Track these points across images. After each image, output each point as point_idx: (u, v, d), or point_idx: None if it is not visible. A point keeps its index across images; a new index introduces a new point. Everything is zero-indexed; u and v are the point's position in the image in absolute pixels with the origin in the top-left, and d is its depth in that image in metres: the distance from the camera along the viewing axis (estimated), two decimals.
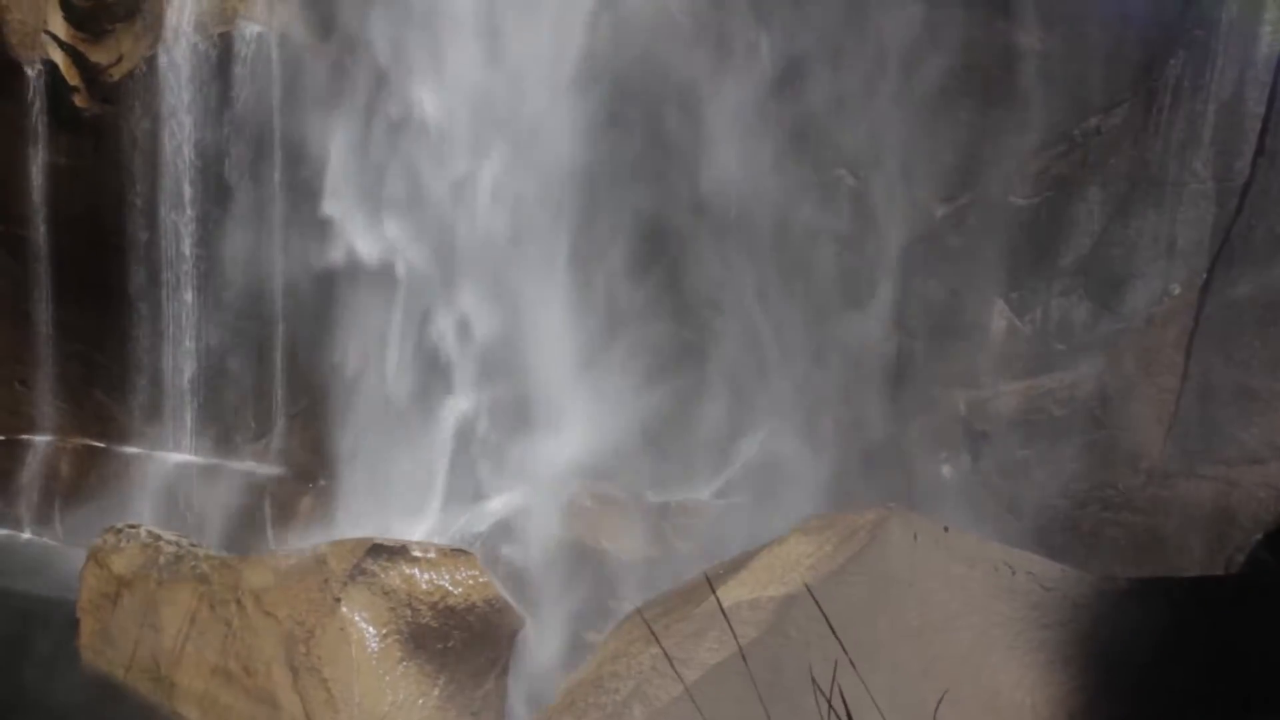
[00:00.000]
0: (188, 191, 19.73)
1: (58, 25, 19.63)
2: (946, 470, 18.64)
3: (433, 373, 19.38)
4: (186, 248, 19.87)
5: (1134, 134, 17.37)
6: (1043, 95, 17.54)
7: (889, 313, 18.68)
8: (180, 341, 20.13)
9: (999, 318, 18.27)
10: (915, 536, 15.49)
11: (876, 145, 18.26)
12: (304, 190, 19.33)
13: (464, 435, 19.49)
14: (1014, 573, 14.99)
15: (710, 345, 18.91)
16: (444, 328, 19.24)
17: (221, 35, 19.34)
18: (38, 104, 19.80)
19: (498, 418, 19.36)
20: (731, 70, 18.28)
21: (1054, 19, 17.24)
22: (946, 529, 15.75)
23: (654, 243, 18.78)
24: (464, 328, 19.32)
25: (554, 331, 18.84)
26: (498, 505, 19.28)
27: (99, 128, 19.80)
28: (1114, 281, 17.73)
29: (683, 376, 18.97)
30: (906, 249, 18.45)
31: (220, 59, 19.44)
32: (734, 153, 18.36)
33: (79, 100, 19.72)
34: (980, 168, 17.97)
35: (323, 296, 19.38)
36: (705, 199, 18.65)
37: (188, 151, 19.62)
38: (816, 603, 13.52)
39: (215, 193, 19.77)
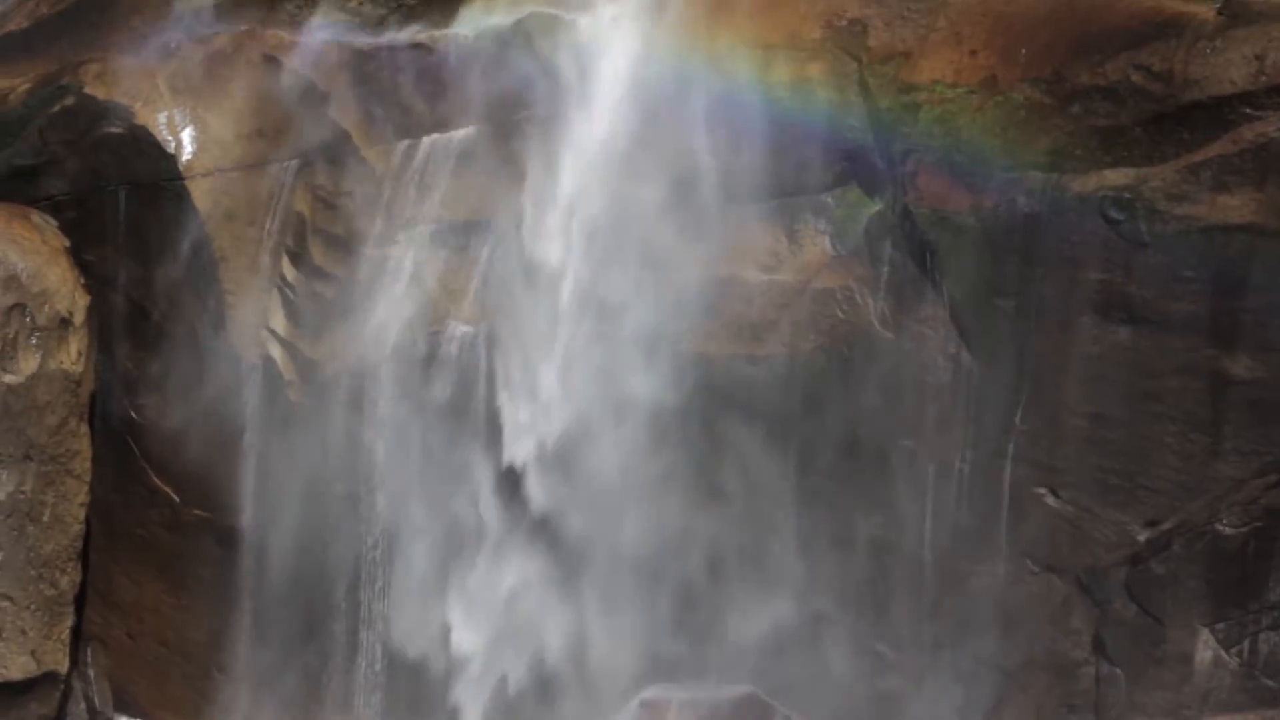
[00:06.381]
0: (388, 484, 20.11)
1: (278, 322, 20.32)
2: None
3: None
4: (379, 542, 20.24)
5: None
6: (1251, 424, 17.31)
7: (1089, 637, 18.36)
8: (371, 631, 20.34)
9: (1204, 648, 17.82)
10: None
11: (1078, 465, 18.17)
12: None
13: None
14: None
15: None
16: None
17: (432, 334, 19.91)
18: (252, 396, 20.40)
19: None
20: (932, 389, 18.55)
21: (1265, 347, 17.09)
22: None
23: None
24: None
25: None
26: None
27: (307, 421, 20.30)
28: None
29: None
30: (1109, 572, 18.18)
31: (428, 357, 19.97)
32: None
33: (292, 394, 20.29)
34: (1185, 494, 17.72)
35: None
36: None
37: (390, 446, 20.05)
38: None
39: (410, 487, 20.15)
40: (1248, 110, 16.79)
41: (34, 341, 20.25)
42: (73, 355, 20.66)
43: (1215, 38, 17.02)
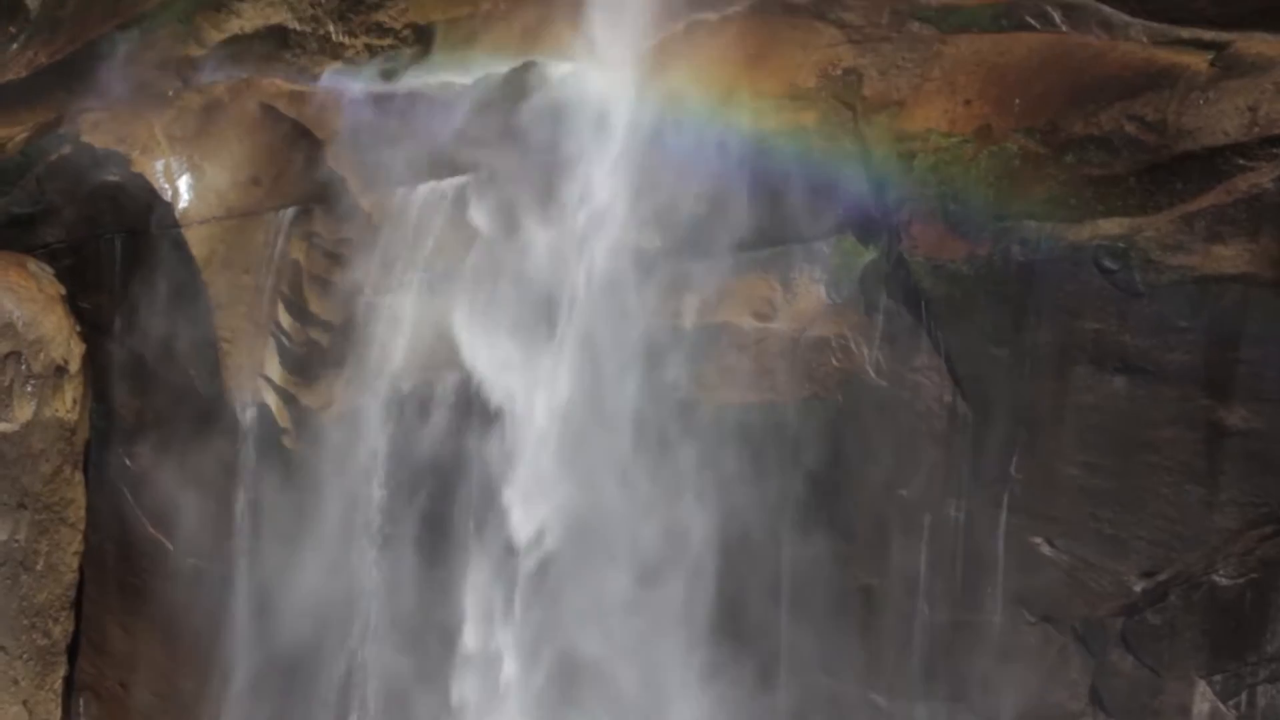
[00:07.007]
0: (375, 531, 20.10)
1: (273, 369, 20.33)
2: None
3: None
4: (371, 585, 20.17)
5: None
6: (1247, 475, 17.21)
7: (1085, 688, 18.26)
8: (366, 671, 20.27)
9: (1201, 700, 17.70)
10: None
11: (1074, 515, 18.08)
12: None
13: None
14: None
15: None
16: None
17: (426, 381, 19.89)
18: (248, 444, 20.40)
19: None
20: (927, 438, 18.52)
21: (1260, 398, 17.03)
22: None
23: None
24: None
25: None
26: None
27: (301, 468, 20.27)
28: None
29: None
30: (1105, 623, 18.09)
31: (423, 403, 19.95)
32: None
33: (287, 441, 20.28)
34: (1182, 545, 17.60)
35: None
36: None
37: (380, 492, 20.05)
38: None
39: (405, 534, 20.11)
40: (1241, 161, 16.81)
41: (29, 389, 20.30)
42: (68, 403, 20.70)
43: (1208, 89, 17.06)
